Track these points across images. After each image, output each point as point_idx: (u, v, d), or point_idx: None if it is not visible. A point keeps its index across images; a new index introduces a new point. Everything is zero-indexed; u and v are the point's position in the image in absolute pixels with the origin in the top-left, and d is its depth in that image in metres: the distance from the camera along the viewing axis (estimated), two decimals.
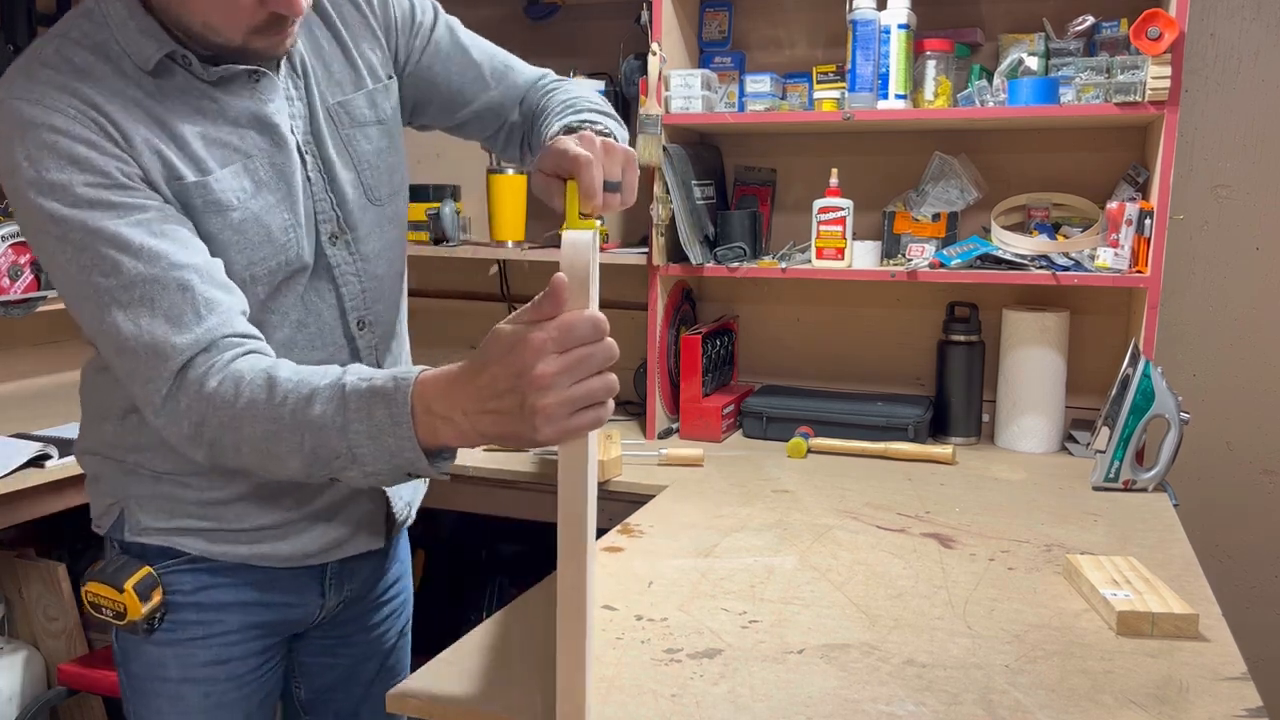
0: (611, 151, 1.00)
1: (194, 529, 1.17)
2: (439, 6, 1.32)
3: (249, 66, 1.08)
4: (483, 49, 1.34)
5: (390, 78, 1.24)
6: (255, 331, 1.03)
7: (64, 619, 2.14)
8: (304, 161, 1.14)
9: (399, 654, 1.45)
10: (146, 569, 1.17)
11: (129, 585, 1.14)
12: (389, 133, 1.23)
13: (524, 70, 1.37)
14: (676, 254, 2.20)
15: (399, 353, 1.32)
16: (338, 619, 1.35)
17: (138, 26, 1.03)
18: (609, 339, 0.86)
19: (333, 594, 1.30)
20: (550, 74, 1.39)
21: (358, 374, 0.94)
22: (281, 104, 1.12)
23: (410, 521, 1.38)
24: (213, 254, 1.05)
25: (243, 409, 0.95)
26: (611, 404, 0.88)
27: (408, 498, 1.35)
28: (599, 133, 1.09)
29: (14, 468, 1.79)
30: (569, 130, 1.13)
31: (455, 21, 1.34)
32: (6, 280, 2.14)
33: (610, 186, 0.99)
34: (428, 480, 1.40)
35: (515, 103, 1.35)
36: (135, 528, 1.18)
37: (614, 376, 0.87)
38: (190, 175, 1.04)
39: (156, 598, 1.17)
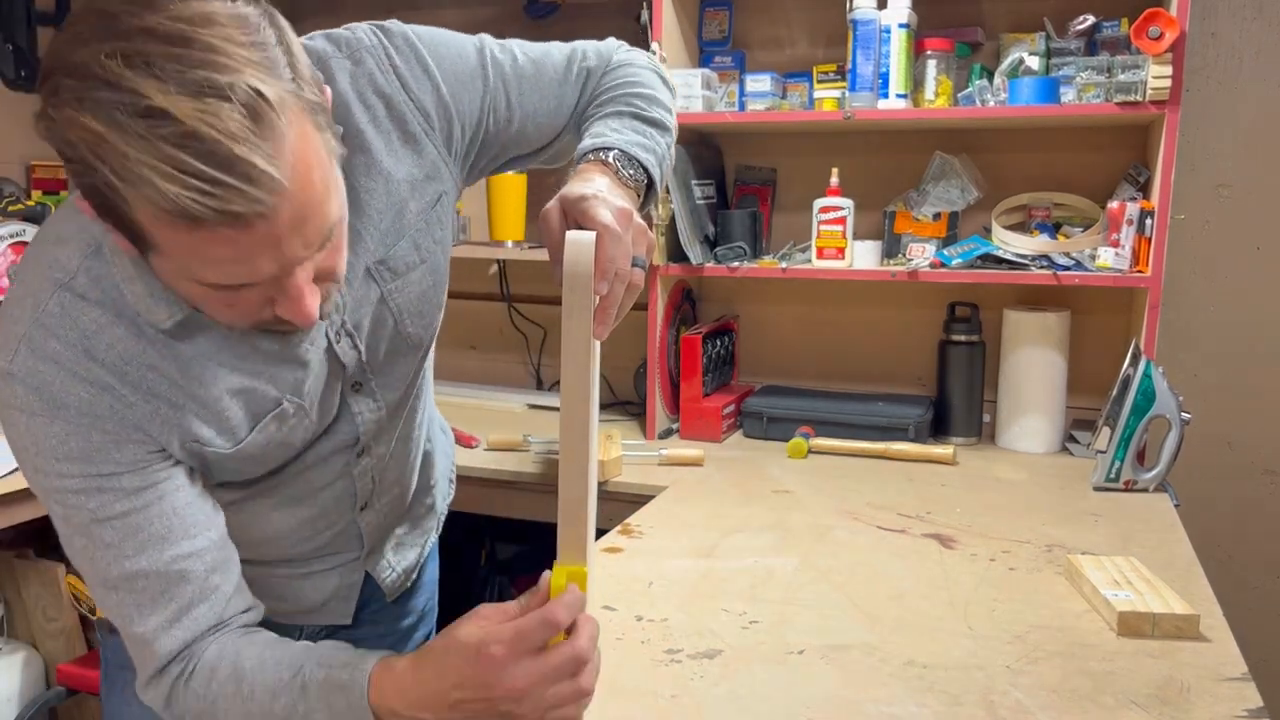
0: (640, 236, 0.93)
1: None
2: (500, 61, 1.12)
3: None
4: (554, 74, 1.16)
5: (438, 200, 1.07)
6: (242, 606, 1.00)
7: (63, 619, 2.14)
8: (335, 349, 1.02)
9: None
10: None
11: None
12: (433, 267, 1.08)
13: (595, 69, 1.19)
14: (676, 254, 2.20)
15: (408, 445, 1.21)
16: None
17: (146, 289, 0.89)
18: (579, 641, 0.85)
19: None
20: (615, 47, 1.22)
21: (316, 660, 0.94)
22: (317, 331, 1.00)
23: (407, 586, 1.30)
24: (233, 472, 1.00)
25: (214, 701, 0.95)
26: (586, 703, 0.88)
27: (402, 566, 1.27)
28: (634, 178, 1.02)
29: (13, 468, 1.78)
30: (597, 153, 1.02)
31: (518, 57, 1.14)
32: (6, 280, 2.14)
33: (636, 262, 0.92)
34: (433, 534, 1.36)
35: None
36: None
37: (591, 671, 0.87)
38: (214, 444, 0.96)
39: None
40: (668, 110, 1.17)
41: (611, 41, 1.25)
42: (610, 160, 1.02)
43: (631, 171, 1.03)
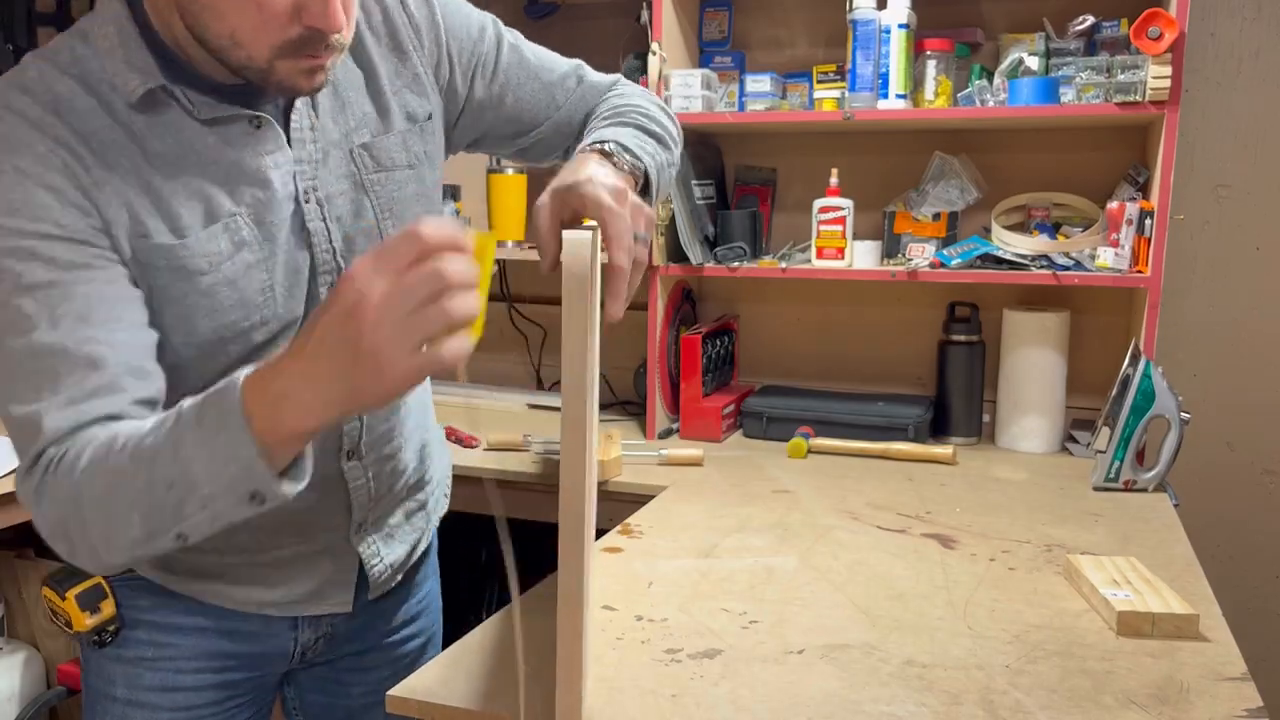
0: (638, 213, 0.93)
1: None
2: (502, 32, 1.22)
3: (252, 112, 0.99)
4: (552, 70, 1.24)
5: (429, 118, 1.14)
6: (148, 416, 0.92)
7: None
8: (302, 211, 1.04)
9: None
10: (97, 580, 1.13)
11: (71, 594, 1.13)
12: (419, 177, 1.14)
13: (596, 83, 1.27)
14: (676, 254, 2.20)
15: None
16: (331, 659, 1.28)
17: (125, 57, 0.94)
18: (446, 255, 0.73)
19: (307, 630, 1.22)
20: (621, 80, 1.29)
21: (195, 397, 0.86)
22: (282, 155, 1.02)
23: (394, 583, 1.27)
24: (176, 316, 0.98)
25: (81, 474, 0.86)
26: (466, 340, 0.75)
27: (391, 559, 1.24)
28: (632, 166, 1.03)
29: (12, 468, 1.79)
30: (596, 146, 1.03)
31: (521, 43, 1.24)
32: None
33: (637, 238, 0.91)
34: (425, 539, 1.32)
35: (583, 117, 1.25)
36: None
37: (463, 299, 0.74)
38: (161, 236, 0.95)
39: (106, 611, 1.13)
40: (671, 139, 1.20)
41: (619, 75, 1.33)
42: (608, 149, 1.03)
43: (630, 159, 1.04)
